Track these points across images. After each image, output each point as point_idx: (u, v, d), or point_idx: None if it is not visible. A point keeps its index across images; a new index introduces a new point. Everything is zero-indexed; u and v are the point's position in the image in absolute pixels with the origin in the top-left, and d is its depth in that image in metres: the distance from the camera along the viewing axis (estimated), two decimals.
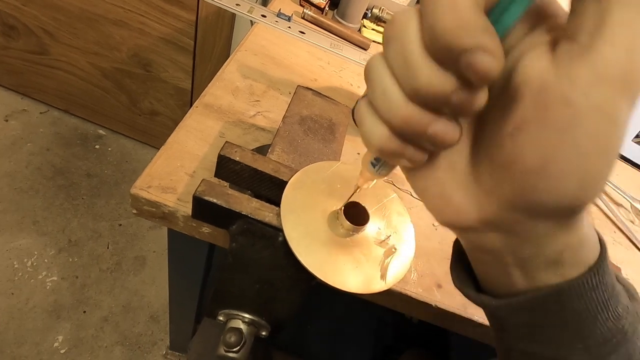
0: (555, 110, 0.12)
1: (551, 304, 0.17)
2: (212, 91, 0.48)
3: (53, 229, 1.09)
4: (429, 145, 0.16)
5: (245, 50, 0.57)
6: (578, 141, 0.12)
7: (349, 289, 0.21)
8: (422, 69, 0.13)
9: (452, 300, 0.41)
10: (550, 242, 0.16)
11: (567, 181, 0.13)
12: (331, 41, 0.67)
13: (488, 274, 0.19)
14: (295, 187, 0.24)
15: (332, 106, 0.42)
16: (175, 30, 1.00)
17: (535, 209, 0.14)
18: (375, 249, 0.24)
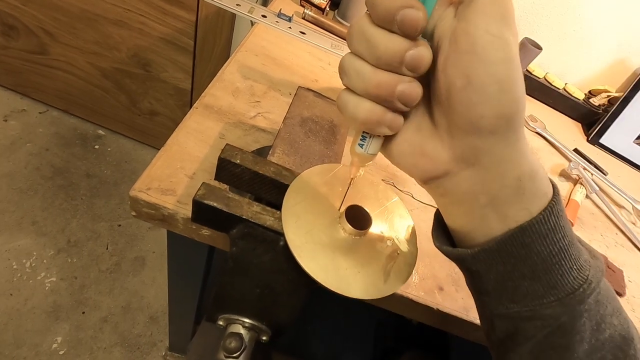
0: (461, 41, 0.18)
1: (519, 248, 0.20)
2: (212, 92, 0.48)
3: (52, 229, 1.08)
4: (400, 105, 0.20)
5: (245, 50, 0.57)
6: (483, 56, 0.17)
7: (352, 294, 0.21)
8: (377, 38, 0.18)
9: (453, 304, 0.41)
10: (507, 167, 0.19)
11: (489, 87, 0.17)
12: (332, 42, 0.67)
13: (466, 228, 0.22)
14: (297, 190, 0.24)
15: (333, 107, 0.42)
16: (175, 30, 1.00)
17: (480, 123, 0.18)
18: (378, 253, 0.23)
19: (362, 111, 0.20)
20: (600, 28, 0.82)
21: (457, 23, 0.18)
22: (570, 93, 0.85)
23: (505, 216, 0.20)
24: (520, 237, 0.19)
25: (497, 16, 0.17)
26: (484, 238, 0.21)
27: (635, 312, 0.51)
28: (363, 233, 0.23)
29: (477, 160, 0.19)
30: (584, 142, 0.83)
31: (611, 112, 0.81)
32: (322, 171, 0.26)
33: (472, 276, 0.22)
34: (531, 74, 0.84)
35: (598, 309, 0.20)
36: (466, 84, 0.18)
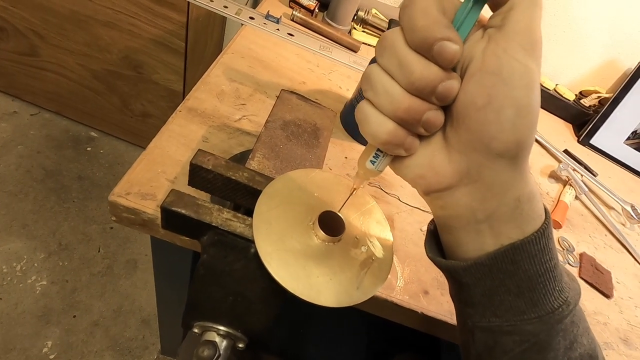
0: (489, 62, 0.18)
1: (508, 265, 0.20)
2: (196, 95, 0.48)
3: (43, 232, 1.08)
4: (423, 131, 0.20)
5: (232, 53, 0.56)
6: (507, 80, 0.18)
7: (322, 302, 0.20)
8: (413, 63, 0.18)
9: (439, 307, 0.40)
10: (509, 188, 0.20)
11: (507, 110, 0.18)
12: (320, 43, 0.67)
13: (460, 241, 0.22)
14: (270, 196, 0.23)
15: (317, 110, 0.41)
16: (166, 32, 0.99)
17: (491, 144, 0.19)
18: (352, 259, 0.23)
19: (384, 132, 0.20)
20: (591, 29, 0.82)
21: (487, 44, 0.18)
22: (561, 94, 0.85)
23: (499, 233, 0.21)
24: (511, 254, 0.20)
25: (526, 45, 0.18)
26: (476, 252, 0.21)
27: (623, 314, 0.51)
28: (336, 239, 0.23)
29: (481, 178, 0.20)
30: (575, 143, 0.83)
31: (601, 113, 0.81)
32: (297, 176, 0.26)
33: (460, 288, 0.23)
34: None
35: (572, 329, 0.21)
36: (486, 103, 0.18)
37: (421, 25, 0.18)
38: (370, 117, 0.20)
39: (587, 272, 0.53)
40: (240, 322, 0.24)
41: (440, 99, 0.19)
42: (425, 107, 0.19)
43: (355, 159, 0.51)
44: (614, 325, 0.49)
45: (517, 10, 0.18)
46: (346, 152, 0.51)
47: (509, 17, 0.18)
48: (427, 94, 0.19)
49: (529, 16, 0.18)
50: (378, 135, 0.20)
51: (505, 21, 0.18)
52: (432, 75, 0.18)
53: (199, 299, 0.23)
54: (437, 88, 0.18)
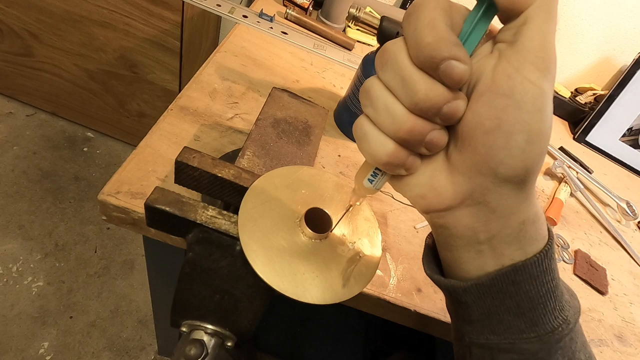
0: (500, 82, 0.17)
1: (509, 285, 0.20)
2: (188, 93, 0.47)
3: (39, 233, 1.07)
4: (425, 151, 0.19)
5: (224, 51, 0.56)
6: (519, 103, 0.16)
7: (307, 299, 0.20)
8: (419, 83, 0.17)
9: (431, 305, 0.40)
10: (513, 212, 0.19)
11: (518, 135, 0.17)
12: (314, 42, 0.66)
13: (459, 260, 0.21)
14: (257, 193, 0.23)
15: (308, 108, 0.41)
16: (161, 31, 0.99)
17: (498, 169, 0.18)
18: (339, 256, 0.23)
19: (385, 153, 0.19)
20: (586, 26, 0.82)
21: (498, 61, 0.17)
22: (557, 91, 0.85)
23: (501, 254, 0.20)
24: (512, 275, 0.20)
25: (540, 64, 0.16)
26: (476, 272, 0.21)
27: (618, 311, 0.51)
28: (323, 236, 0.23)
29: (485, 201, 0.19)
30: (571, 140, 0.83)
31: (597, 110, 0.81)
32: (285, 173, 0.25)
33: (459, 305, 0.23)
34: None
35: (571, 346, 0.21)
36: (495, 127, 0.17)
37: (427, 42, 0.16)
38: (370, 136, 0.19)
39: (582, 269, 0.53)
40: (227, 320, 0.24)
41: (445, 120, 0.18)
42: (429, 127, 0.18)
43: (349, 157, 0.51)
44: (608, 322, 0.49)
45: (531, 26, 0.16)
46: (339, 150, 0.51)
47: (522, 33, 0.16)
48: (432, 115, 0.18)
49: (544, 32, 0.16)
50: (378, 155, 0.19)
51: (518, 37, 0.16)
52: (438, 96, 0.17)
53: (185, 298, 0.23)
54: (442, 109, 0.17)
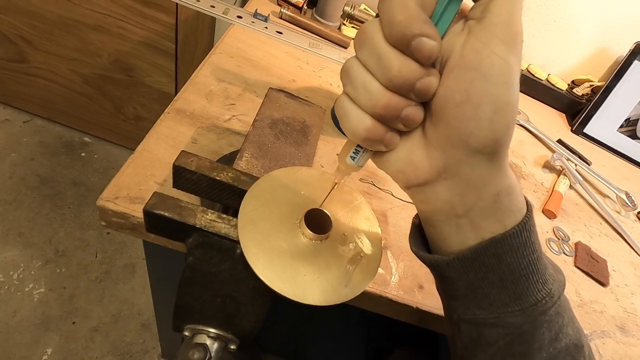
0: (468, 57, 0.18)
1: (490, 258, 0.20)
2: (184, 96, 0.47)
3: (39, 240, 1.07)
4: (402, 127, 0.20)
5: (220, 52, 0.56)
6: (486, 75, 0.17)
7: (309, 301, 0.20)
8: (393, 60, 0.18)
9: (433, 301, 0.40)
10: (486, 184, 0.20)
11: (486, 106, 0.18)
12: (310, 40, 0.66)
13: (442, 235, 0.22)
14: (256, 195, 0.23)
15: (305, 108, 0.41)
16: (156, 34, 0.99)
17: (469, 140, 0.18)
18: (340, 256, 0.23)
19: (363, 128, 0.20)
20: (581, 17, 0.82)
21: (467, 38, 0.18)
22: (553, 84, 0.85)
23: (479, 227, 0.21)
24: (492, 248, 0.20)
25: (506, 38, 0.17)
26: (458, 246, 0.21)
27: (620, 302, 0.51)
28: (324, 237, 0.23)
29: (459, 174, 0.20)
30: (568, 132, 0.83)
31: (594, 102, 0.81)
32: (284, 174, 0.25)
33: (444, 281, 0.23)
34: None
35: (557, 320, 0.21)
36: (464, 99, 0.18)
37: (399, 20, 0.17)
38: (350, 113, 0.20)
39: (583, 261, 0.53)
40: (230, 323, 0.24)
41: (419, 96, 0.19)
42: (404, 103, 0.19)
43: None
44: (610, 313, 0.49)
45: (498, 2, 0.17)
46: (338, 149, 0.51)
47: (490, 9, 0.17)
48: (406, 91, 0.18)
49: (510, 7, 0.17)
50: (357, 131, 0.20)
51: (486, 13, 0.17)
52: (411, 72, 0.18)
53: (187, 302, 0.23)
54: (415, 85, 0.18)
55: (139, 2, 0.93)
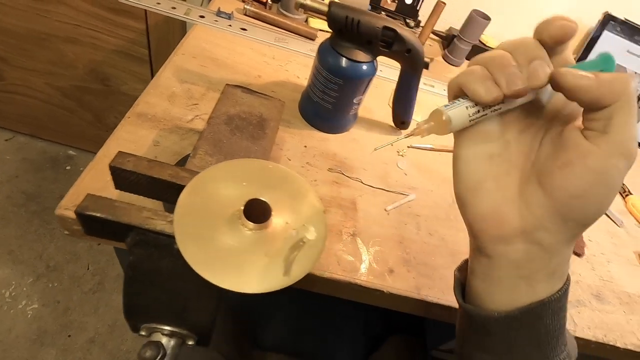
0: (593, 163, 0.20)
1: (535, 319, 0.22)
2: (145, 99, 0.47)
3: (29, 256, 1.07)
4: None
5: (182, 54, 0.56)
6: (606, 183, 0.20)
7: (247, 289, 0.20)
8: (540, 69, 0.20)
9: (404, 284, 0.41)
10: (558, 254, 0.22)
11: (593, 204, 0.20)
12: (276, 35, 0.66)
13: (492, 290, 0.24)
14: (195, 190, 0.23)
15: (263, 101, 0.41)
16: (128, 41, 0.98)
17: (568, 220, 0.21)
18: (281, 244, 0.23)
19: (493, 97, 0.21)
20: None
21: (591, 144, 0.20)
22: None
23: (535, 290, 0.22)
24: (539, 310, 0.22)
25: (627, 154, 0.19)
26: (507, 304, 0.23)
27: (596, 270, 0.52)
28: (264, 226, 0.23)
29: (540, 240, 0.21)
30: None
31: None
32: (225, 168, 0.25)
33: (482, 334, 0.24)
34: (485, 46, 0.83)
35: None
36: (580, 195, 0.20)
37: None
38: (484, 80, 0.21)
39: None
40: (181, 319, 0.24)
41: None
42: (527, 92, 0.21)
43: (315, 147, 0.51)
44: (586, 282, 0.50)
45: (618, 120, 0.19)
46: (305, 141, 0.51)
47: (612, 125, 0.19)
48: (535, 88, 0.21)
49: (629, 127, 0.19)
50: (483, 96, 0.21)
51: (608, 128, 0.19)
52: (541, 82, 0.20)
53: (134, 302, 0.23)
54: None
55: (107, 10, 0.92)
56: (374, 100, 0.61)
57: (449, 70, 0.80)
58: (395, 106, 0.55)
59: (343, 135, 0.55)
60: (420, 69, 0.49)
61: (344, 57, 0.46)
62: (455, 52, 0.80)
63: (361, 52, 0.46)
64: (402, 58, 0.47)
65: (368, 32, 0.44)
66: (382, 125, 0.59)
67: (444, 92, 0.71)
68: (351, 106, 0.51)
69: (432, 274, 0.43)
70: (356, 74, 0.47)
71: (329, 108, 0.50)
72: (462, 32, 0.78)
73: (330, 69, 0.47)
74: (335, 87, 0.48)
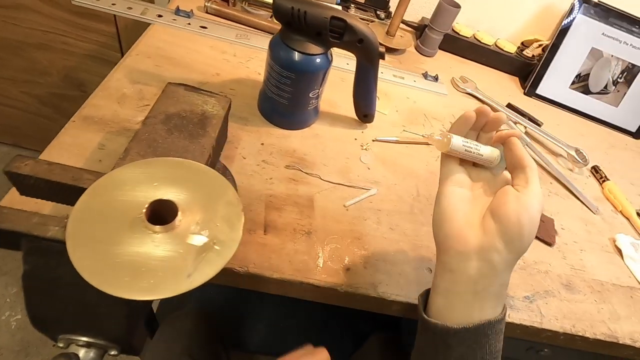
0: (522, 201, 0.28)
1: (482, 337, 0.28)
2: (93, 102, 0.46)
3: (12, 266, 1.06)
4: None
5: (136, 54, 0.54)
6: (529, 214, 0.28)
7: (145, 297, 0.19)
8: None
9: (360, 280, 0.39)
10: (502, 274, 0.29)
11: (524, 229, 0.28)
12: (237, 32, 0.65)
13: (451, 306, 0.30)
14: (97, 193, 0.22)
15: (206, 99, 0.40)
16: (99, 45, 0.97)
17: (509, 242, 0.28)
18: (189, 245, 0.22)
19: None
20: None
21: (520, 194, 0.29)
22: (502, 48, 0.84)
23: (484, 308, 0.29)
24: (486, 328, 0.28)
25: (538, 197, 0.29)
26: (463, 319, 0.29)
27: (567, 259, 0.51)
28: (170, 228, 0.22)
29: (491, 260, 0.28)
30: (522, 95, 0.82)
31: (542, 61, 0.79)
32: (135, 168, 0.24)
33: (442, 347, 0.29)
34: (459, 35, 0.82)
35: None
36: (516, 222, 0.27)
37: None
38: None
39: None
40: (94, 329, 0.23)
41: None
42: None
43: (273, 144, 0.49)
44: (556, 272, 0.48)
45: (533, 183, 0.29)
46: (263, 139, 0.50)
47: (530, 185, 0.29)
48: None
49: (538, 183, 0.29)
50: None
51: (527, 185, 0.29)
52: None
53: (39, 312, 0.22)
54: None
55: (75, 15, 0.91)
56: (339, 94, 0.60)
57: (421, 61, 0.79)
58: (356, 99, 0.53)
59: (304, 131, 0.53)
60: (376, 59, 0.48)
61: (295, 50, 0.45)
62: (428, 42, 0.79)
63: (312, 44, 0.45)
64: (355, 48, 0.46)
65: (316, 23, 0.43)
66: (346, 120, 0.57)
67: (414, 83, 0.70)
68: (308, 100, 0.49)
69: (391, 269, 0.41)
70: (309, 67, 0.46)
71: (285, 104, 0.49)
72: (433, 21, 0.76)
73: (282, 63, 0.46)
74: (289, 82, 0.46)
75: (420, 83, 0.70)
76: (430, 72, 0.73)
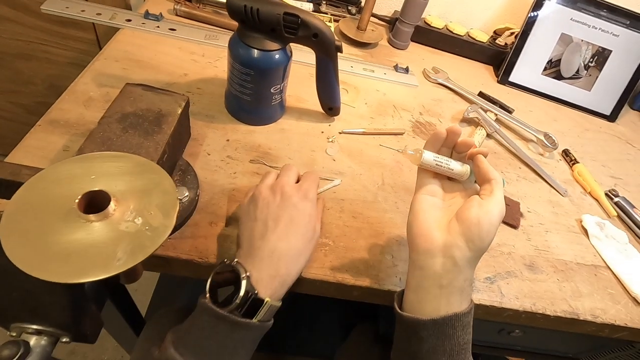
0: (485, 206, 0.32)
1: (450, 329, 0.31)
2: (60, 106, 0.47)
3: None
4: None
5: (104, 58, 0.56)
6: (489, 218, 0.32)
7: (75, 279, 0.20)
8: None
9: (319, 269, 0.40)
10: (464, 270, 0.32)
11: (484, 230, 0.31)
12: (206, 33, 0.66)
13: (421, 300, 0.33)
14: (34, 187, 0.23)
15: (164, 98, 0.41)
16: (80, 52, 0.98)
17: (469, 241, 0.31)
18: (122, 233, 0.23)
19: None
20: None
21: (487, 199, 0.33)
22: (474, 37, 0.85)
23: (450, 301, 0.31)
24: (454, 321, 0.31)
25: (500, 205, 0.33)
26: (431, 313, 0.31)
27: (532, 241, 0.52)
28: (103, 216, 0.23)
29: (453, 256, 0.31)
30: (495, 83, 0.83)
31: (514, 49, 0.80)
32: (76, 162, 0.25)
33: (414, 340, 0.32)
34: (431, 26, 0.83)
35: None
36: (476, 224, 0.31)
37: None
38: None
39: None
40: (40, 316, 0.24)
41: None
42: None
43: (238, 140, 0.51)
44: (519, 253, 0.49)
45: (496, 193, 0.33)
46: (228, 135, 0.51)
47: (493, 195, 0.33)
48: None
49: (502, 193, 0.33)
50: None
51: (492, 195, 0.33)
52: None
53: None
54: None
55: (54, 23, 0.92)
56: (306, 90, 0.61)
57: (394, 54, 0.80)
58: (319, 92, 0.55)
59: (270, 126, 0.54)
60: (333, 53, 0.49)
61: (253, 47, 0.46)
62: (399, 35, 0.80)
63: (269, 40, 0.46)
64: (311, 43, 0.47)
65: (269, 20, 0.44)
66: (313, 114, 0.58)
67: (384, 75, 0.71)
68: (270, 96, 0.51)
69: (352, 256, 0.42)
70: (267, 64, 0.47)
71: (249, 100, 0.50)
72: (403, 14, 0.77)
73: (241, 61, 0.47)
74: (249, 79, 0.48)
75: (390, 75, 0.71)
76: (402, 65, 0.74)
